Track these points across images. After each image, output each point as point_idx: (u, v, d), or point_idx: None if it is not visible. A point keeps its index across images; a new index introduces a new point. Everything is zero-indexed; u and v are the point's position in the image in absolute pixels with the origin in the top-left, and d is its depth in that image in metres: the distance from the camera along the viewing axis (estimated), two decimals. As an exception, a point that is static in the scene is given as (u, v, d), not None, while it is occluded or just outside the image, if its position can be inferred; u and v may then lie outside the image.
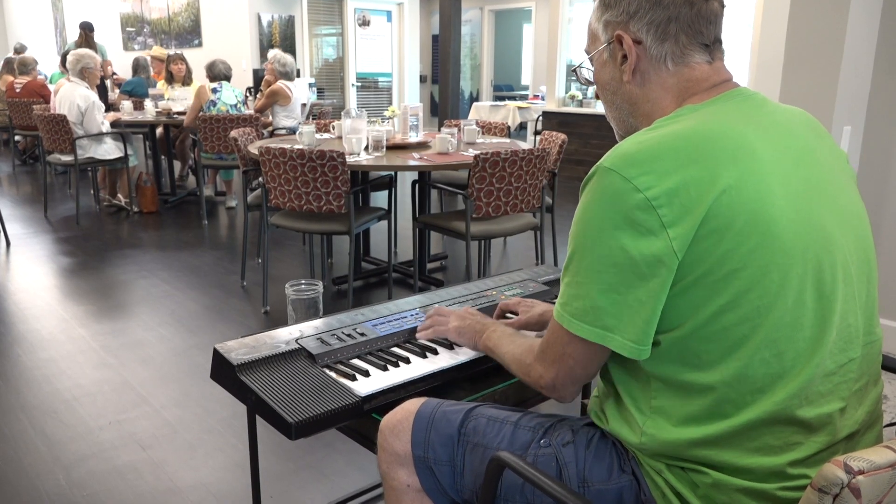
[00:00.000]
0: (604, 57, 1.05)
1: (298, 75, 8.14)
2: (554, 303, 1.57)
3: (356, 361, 1.32)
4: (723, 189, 0.86)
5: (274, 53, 5.92)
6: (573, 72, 1.15)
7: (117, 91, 7.72)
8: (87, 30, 7.80)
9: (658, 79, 1.00)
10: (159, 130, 6.39)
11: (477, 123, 4.30)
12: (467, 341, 1.35)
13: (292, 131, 5.51)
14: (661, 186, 0.87)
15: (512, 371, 1.16)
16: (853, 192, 1.01)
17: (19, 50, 10.12)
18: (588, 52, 1.08)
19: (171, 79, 6.85)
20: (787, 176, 0.91)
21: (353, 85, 10.14)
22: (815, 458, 0.92)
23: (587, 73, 1.11)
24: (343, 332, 1.39)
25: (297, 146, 3.27)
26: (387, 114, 4.94)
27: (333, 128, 4.34)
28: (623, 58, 1.01)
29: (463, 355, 1.36)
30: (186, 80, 6.78)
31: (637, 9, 0.98)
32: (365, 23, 10.08)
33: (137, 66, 7.70)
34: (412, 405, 1.19)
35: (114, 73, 8.94)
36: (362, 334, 1.39)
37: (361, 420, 1.26)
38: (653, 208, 0.87)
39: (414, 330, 1.44)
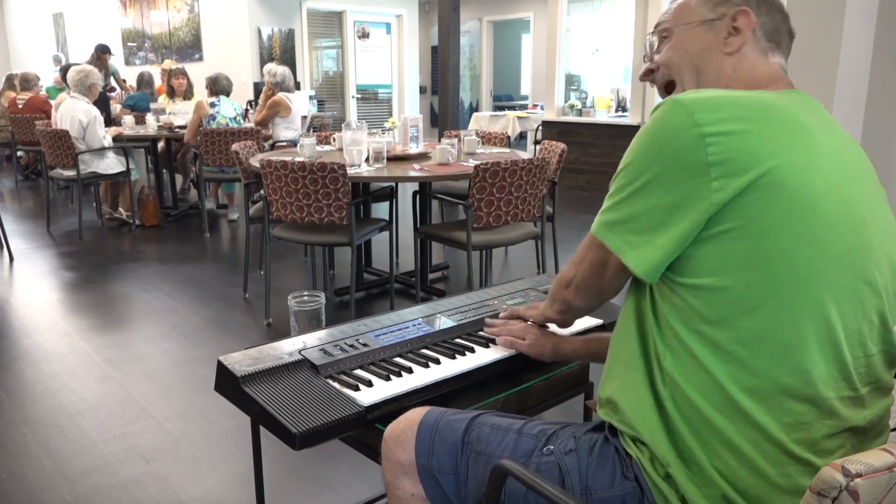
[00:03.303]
0: (704, 26, 1.11)
1: (299, 88, 8.18)
2: None
3: (359, 372, 1.32)
4: (779, 163, 0.89)
5: (266, 67, 5.98)
6: (655, 29, 1.19)
7: (118, 106, 7.77)
8: (100, 52, 7.86)
9: (747, 62, 1.09)
10: (161, 144, 6.42)
11: (477, 133, 4.32)
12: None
13: (293, 143, 5.54)
14: (720, 126, 0.89)
15: (553, 294, 1.25)
16: (891, 213, 1.04)
17: (59, 59, 10.20)
18: (677, 23, 1.13)
19: (172, 93, 6.89)
20: (840, 180, 0.94)
21: (353, 97, 10.19)
22: (823, 442, 0.92)
23: (655, 39, 1.17)
24: (346, 343, 1.40)
25: (298, 158, 3.29)
26: (387, 125, 4.96)
27: (334, 140, 4.36)
28: (734, 29, 1.09)
29: (465, 364, 1.37)
30: (188, 94, 6.82)
31: (757, 6, 1.11)
32: (364, 35, 10.14)
33: (142, 81, 7.75)
34: (415, 414, 1.19)
35: (130, 86, 9.02)
36: (365, 345, 1.40)
37: (365, 430, 1.27)
38: (704, 145, 0.89)
39: (416, 340, 1.45)
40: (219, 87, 5.60)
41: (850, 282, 0.92)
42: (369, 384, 1.27)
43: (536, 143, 8.16)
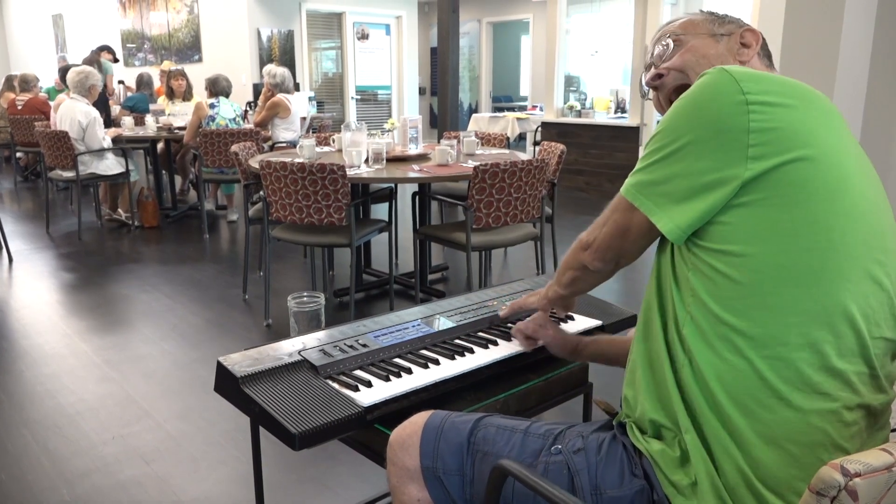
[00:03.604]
0: (715, 39, 1.17)
1: (298, 89, 8.19)
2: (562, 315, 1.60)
3: (358, 372, 1.33)
4: (818, 143, 0.91)
5: (265, 68, 5.99)
6: (661, 38, 1.21)
7: (118, 107, 7.77)
8: (100, 49, 7.85)
9: (753, 67, 1.15)
10: (160, 145, 6.42)
11: (476, 135, 4.32)
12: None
13: (292, 145, 5.54)
14: (764, 96, 0.91)
15: (567, 261, 1.25)
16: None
17: (66, 60, 10.21)
18: (686, 33, 1.19)
19: (171, 94, 6.89)
20: (861, 167, 0.97)
21: (352, 98, 10.19)
22: (841, 413, 0.92)
23: (667, 47, 1.20)
24: (345, 344, 1.41)
25: (297, 160, 3.29)
26: (386, 126, 4.96)
27: (333, 141, 4.36)
28: (742, 45, 1.16)
29: (464, 365, 1.37)
30: (187, 95, 6.82)
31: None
32: (364, 36, 10.14)
33: (141, 82, 7.75)
34: (420, 418, 1.19)
35: (121, 83, 8.98)
36: (364, 345, 1.41)
37: (364, 431, 1.27)
38: (746, 111, 0.90)
39: (415, 341, 1.45)
40: (218, 88, 5.60)
41: (869, 263, 0.93)
42: (369, 385, 1.27)
43: (536, 144, 8.16)
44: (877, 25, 2.65)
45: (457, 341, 1.48)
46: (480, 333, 1.52)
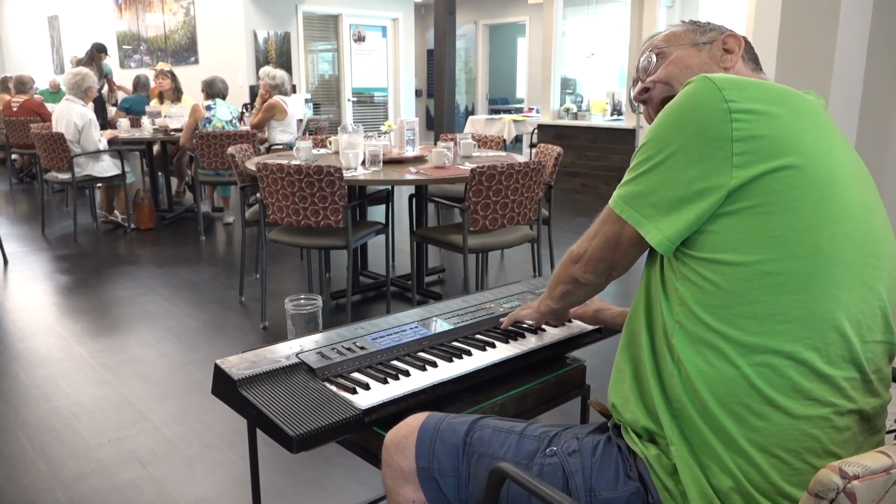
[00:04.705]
0: (697, 48, 1.18)
1: (295, 91, 8.19)
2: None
3: (356, 375, 1.32)
4: (805, 150, 0.91)
5: (263, 69, 5.99)
6: (646, 52, 1.22)
7: (114, 109, 7.76)
8: (96, 50, 7.82)
9: (743, 76, 1.14)
10: (156, 147, 6.41)
11: (473, 137, 4.33)
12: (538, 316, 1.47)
13: (289, 147, 5.54)
14: (747, 104, 0.92)
15: (558, 275, 1.26)
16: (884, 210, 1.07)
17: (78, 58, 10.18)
18: (670, 45, 1.20)
19: (162, 96, 6.88)
20: (853, 171, 0.97)
21: (349, 100, 10.19)
22: (832, 419, 0.92)
23: (651, 60, 1.21)
24: (343, 346, 1.40)
25: (294, 162, 3.29)
26: (383, 128, 4.96)
27: (330, 143, 4.36)
28: (725, 51, 1.17)
29: (462, 367, 1.37)
30: (175, 96, 6.78)
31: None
32: (360, 38, 10.14)
33: (138, 84, 7.74)
34: (416, 420, 1.19)
35: (119, 87, 8.97)
36: (362, 348, 1.40)
37: (362, 433, 1.27)
38: (730, 120, 0.91)
39: (413, 343, 1.45)
40: (215, 90, 5.59)
41: (862, 267, 0.93)
42: (366, 387, 1.27)
43: (532, 146, 8.17)
44: (872, 27, 2.66)
45: (454, 343, 1.48)
46: (478, 336, 1.52)
